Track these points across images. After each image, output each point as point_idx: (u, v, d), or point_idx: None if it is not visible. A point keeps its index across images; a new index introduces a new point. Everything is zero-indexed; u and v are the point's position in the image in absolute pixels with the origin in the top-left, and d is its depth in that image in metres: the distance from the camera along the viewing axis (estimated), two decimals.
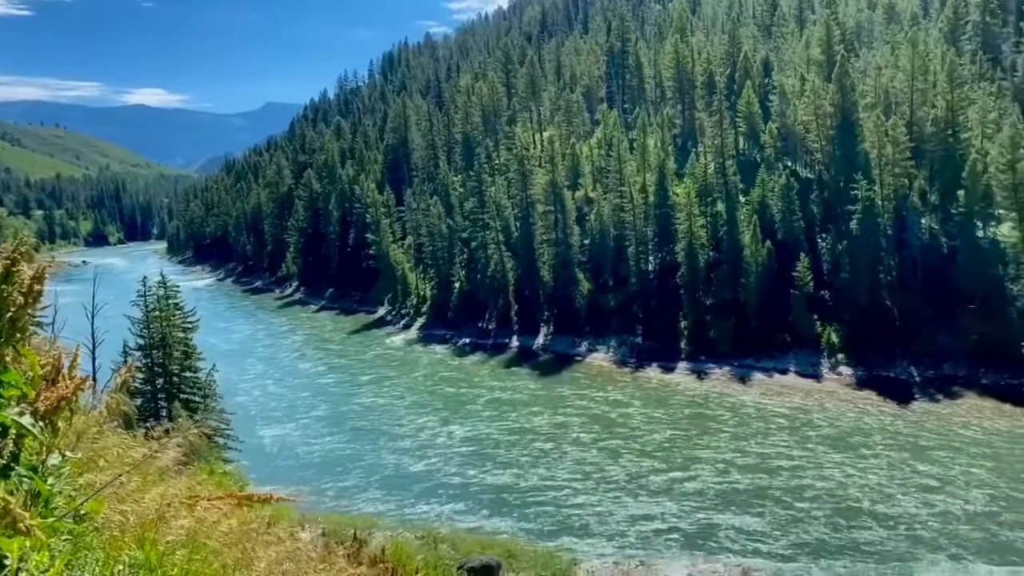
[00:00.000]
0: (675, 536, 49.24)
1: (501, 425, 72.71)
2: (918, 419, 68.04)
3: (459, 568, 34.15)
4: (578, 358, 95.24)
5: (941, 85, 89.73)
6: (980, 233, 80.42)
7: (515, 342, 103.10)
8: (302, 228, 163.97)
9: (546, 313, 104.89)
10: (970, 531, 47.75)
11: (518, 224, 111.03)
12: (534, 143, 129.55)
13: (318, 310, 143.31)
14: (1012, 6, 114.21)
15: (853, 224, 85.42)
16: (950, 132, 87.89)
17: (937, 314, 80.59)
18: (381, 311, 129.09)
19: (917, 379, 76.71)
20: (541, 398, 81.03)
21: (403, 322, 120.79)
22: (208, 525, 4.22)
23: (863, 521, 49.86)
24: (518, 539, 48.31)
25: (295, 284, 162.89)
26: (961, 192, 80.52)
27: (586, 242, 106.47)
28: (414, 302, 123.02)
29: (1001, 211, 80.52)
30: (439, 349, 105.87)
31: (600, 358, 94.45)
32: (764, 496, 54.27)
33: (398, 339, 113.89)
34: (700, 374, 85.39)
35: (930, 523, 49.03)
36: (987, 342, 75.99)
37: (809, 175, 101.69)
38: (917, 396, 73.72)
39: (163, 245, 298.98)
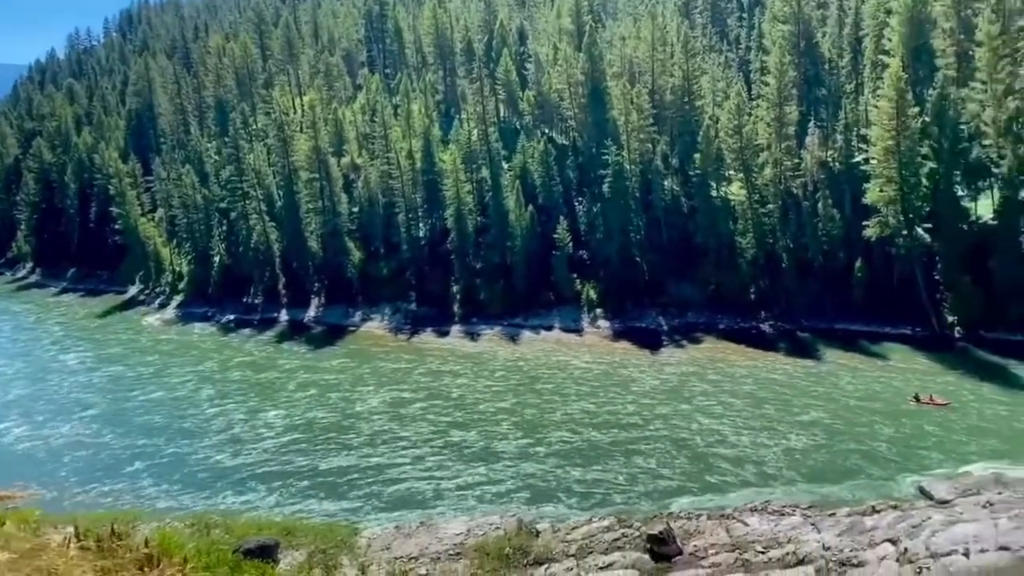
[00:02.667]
0: (521, 496, 50.49)
1: (322, 407, 69.23)
2: (730, 368, 73.40)
3: (234, 552, 32.93)
4: (352, 328, 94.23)
5: (678, 56, 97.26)
6: (714, 193, 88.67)
7: (284, 316, 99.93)
8: (34, 203, 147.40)
9: (316, 284, 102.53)
10: (804, 460, 52.99)
11: (281, 193, 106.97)
12: (294, 108, 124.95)
13: (60, 292, 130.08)
14: None
15: (605, 187, 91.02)
16: (687, 100, 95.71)
17: (680, 268, 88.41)
18: (133, 290, 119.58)
19: (665, 327, 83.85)
20: (354, 376, 77.70)
21: (159, 301, 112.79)
22: None
23: (713, 462, 53.65)
24: (296, 516, 47.41)
25: (30, 265, 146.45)
26: (697, 156, 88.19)
27: (355, 210, 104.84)
28: (169, 279, 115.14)
29: (731, 172, 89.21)
30: (201, 328, 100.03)
31: (375, 326, 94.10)
32: (612, 449, 56.56)
33: (154, 319, 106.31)
34: (473, 336, 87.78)
35: (768, 457, 53.66)
36: (722, 291, 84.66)
37: (565, 141, 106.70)
38: (666, 343, 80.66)
39: None
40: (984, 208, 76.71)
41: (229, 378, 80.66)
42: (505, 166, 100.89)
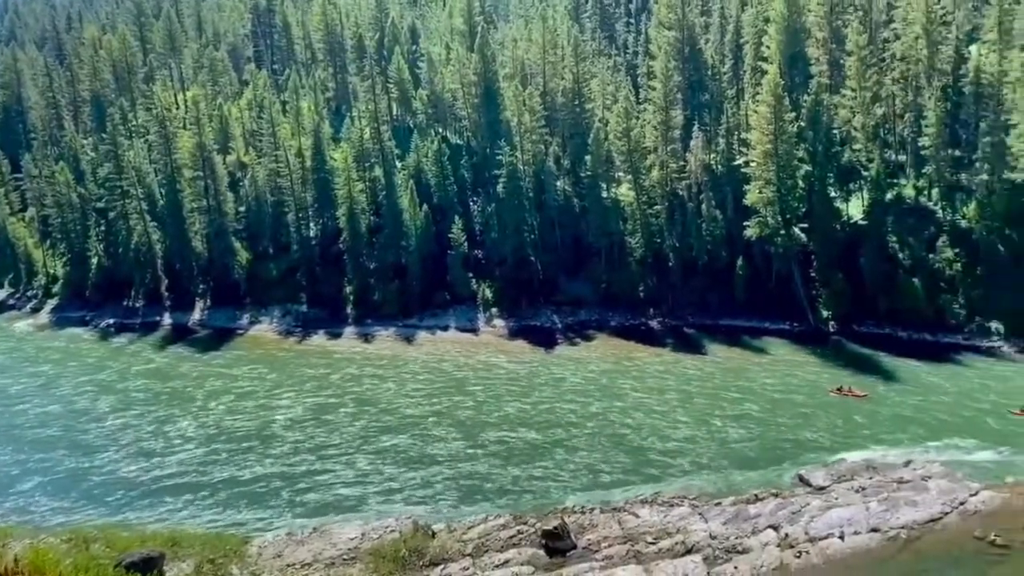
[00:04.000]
0: (450, 495, 50.65)
1: (239, 415, 66.47)
2: (645, 365, 73.93)
3: (116, 565, 31.56)
4: (240, 331, 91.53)
5: (568, 59, 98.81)
6: (604, 194, 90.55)
7: (167, 319, 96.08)
8: None
9: (201, 286, 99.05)
10: (741, 451, 54.70)
11: (163, 191, 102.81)
12: (176, 103, 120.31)
13: None
14: None
15: (500, 187, 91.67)
16: (577, 102, 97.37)
17: (573, 267, 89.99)
18: (1, 294, 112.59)
19: (560, 325, 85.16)
20: (269, 382, 74.76)
21: (31, 305, 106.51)
22: None
23: (652, 456, 54.80)
24: (184, 526, 45.77)
25: None
26: (588, 157, 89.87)
27: (242, 209, 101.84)
28: (43, 282, 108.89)
29: (620, 173, 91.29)
30: (79, 333, 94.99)
31: (264, 329, 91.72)
32: (552, 447, 56.92)
33: (26, 324, 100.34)
34: (367, 337, 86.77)
35: (708, 449, 55.18)
36: (613, 289, 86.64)
37: (459, 141, 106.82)
38: (560, 340, 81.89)
39: None
40: (855, 208, 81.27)
41: (132, 387, 76.21)
42: (399, 165, 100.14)
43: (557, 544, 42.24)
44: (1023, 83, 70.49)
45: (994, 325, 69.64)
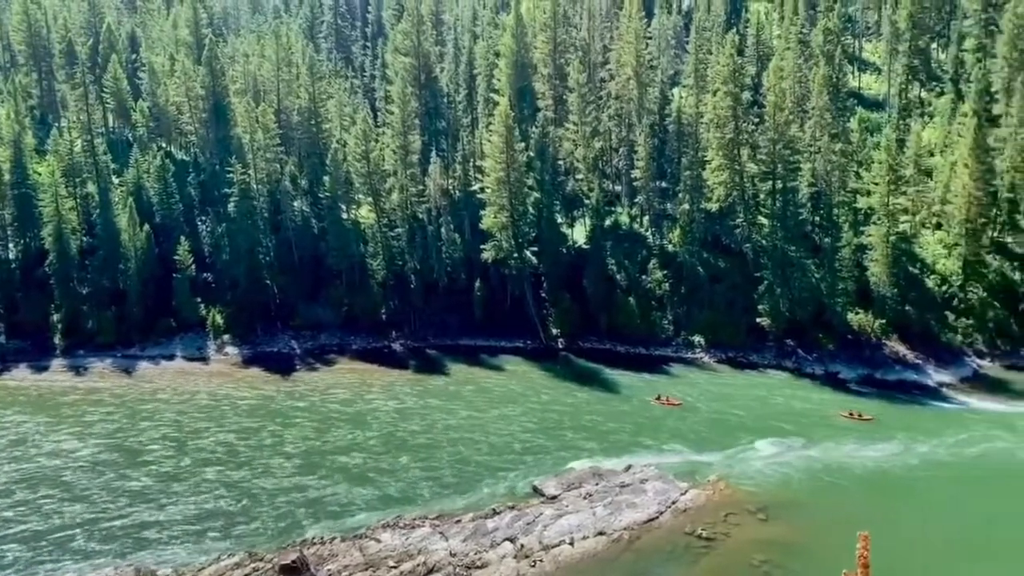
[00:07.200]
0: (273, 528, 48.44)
1: (22, 464, 59.61)
2: (453, 388, 73.32)
3: None
4: None
5: (304, 77, 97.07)
6: (344, 215, 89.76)
7: None
8: None
9: None
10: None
11: None
12: None
13: None
14: (359, 12, 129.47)
15: (231, 207, 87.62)
16: (314, 122, 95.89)
17: (312, 289, 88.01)
18: None
19: (298, 351, 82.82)
20: (39, 424, 66.63)
21: None
22: None
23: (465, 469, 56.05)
24: None
25: None
26: (326, 178, 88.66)
27: None
28: None
29: (360, 195, 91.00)
30: None
31: None
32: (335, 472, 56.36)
33: None
34: (80, 370, 79.06)
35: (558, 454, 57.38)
36: (355, 312, 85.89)
37: (185, 157, 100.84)
38: (299, 367, 79.60)
39: None
40: (579, 234, 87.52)
41: None
42: (116, 181, 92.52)
43: None
44: (716, 124, 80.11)
45: (696, 338, 78.00)
